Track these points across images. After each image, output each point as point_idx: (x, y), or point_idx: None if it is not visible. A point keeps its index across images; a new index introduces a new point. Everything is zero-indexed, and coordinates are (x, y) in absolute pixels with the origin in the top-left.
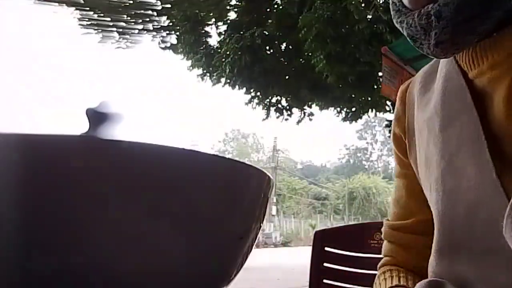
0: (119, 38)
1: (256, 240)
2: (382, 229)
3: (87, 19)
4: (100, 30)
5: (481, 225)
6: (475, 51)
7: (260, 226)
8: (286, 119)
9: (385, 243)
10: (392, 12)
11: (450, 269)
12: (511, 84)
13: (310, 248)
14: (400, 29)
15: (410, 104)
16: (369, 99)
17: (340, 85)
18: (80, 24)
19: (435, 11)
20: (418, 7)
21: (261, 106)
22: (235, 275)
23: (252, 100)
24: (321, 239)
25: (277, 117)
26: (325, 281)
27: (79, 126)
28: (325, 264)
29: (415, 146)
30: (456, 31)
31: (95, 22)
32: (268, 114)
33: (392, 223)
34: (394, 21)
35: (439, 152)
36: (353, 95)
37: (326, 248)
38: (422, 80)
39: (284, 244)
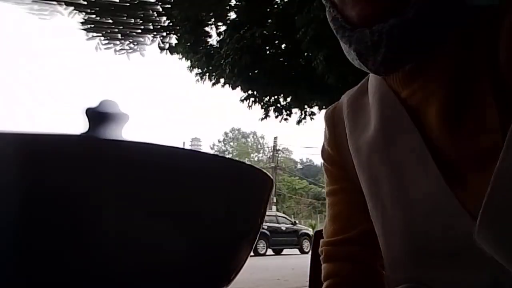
0: (122, 40)
1: (256, 240)
2: (321, 251)
3: (90, 22)
4: (103, 33)
5: (439, 231)
6: (404, 73)
7: (260, 226)
8: (286, 119)
9: (325, 266)
10: (333, 27)
11: (415, 276)
12: (441, 102)
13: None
14: (346, 43)
15: (339, 127)
16: None
17: (340, 85)
18: (83, 28)
19: (387, 30)
20: (366, 24)
21: (259, 106)
22: (235, 275)
23: (249, 98)
24: (321, 239)
25: (276, 117)
26: None
27: (79, 126)
28: None
29: (354, 166)
30: (403, 51)
31: (98, 25)
32: (267, 114)
33: (333, 239)
34: (338, 36)
35: (387, 169)
36: None
37: None
38: (349, 105)
39: None
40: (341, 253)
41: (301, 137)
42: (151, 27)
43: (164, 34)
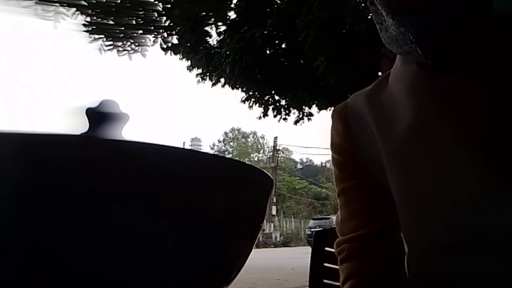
0: (124, 41)
1: (256, 240)
2: (341, 249)
3: (92, 24)
4: (106, 34)
5: (481, 220)
6: (444, 63)
7: (260, 226)
8: (284, 119)
9: (347, 265)
10: (386, 12)
11: (444, 269)
12: (484, 95)
13: (310, 248)
14: (404, 26)
15: (355, 123)
16: None
17: (341, 86)
18: (85, 30)
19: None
20: (413, 10)
21: (258, 105)
22: (235, 275)
23: (249, 98)
24: (321, 239)
25: (275, 116)
26: (325, 281)
27: (79, 126)
28: (325, 264)
29: (375, 160)
30: (443, 36)
31: (100, 26)
32: (265, 113)
33: (354, 235)
34: (395, 19)
35: (425, 158)
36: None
37: (326, 248)
38: (368, 102)
39: (284, 244)
40: (364, 250)
41: (301, 137)
42: (152, 28)
43: (166, 34)
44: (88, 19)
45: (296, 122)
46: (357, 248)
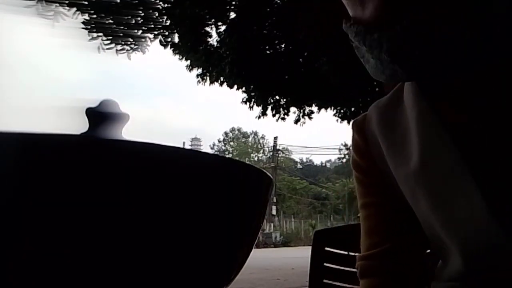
0: (123, 40)
1: (256, 240)
2: (356, 266)
3: (92, 23)
4: (105, 34)
5: (482, 255)
6: (451, 94)
7: (260, 226)
8: (283, 118)
9: (361, 282)
10: (355, 38)
11: None
12: (500, 128)
13: (310, 248)
14: (373, 48)
15: (371, 138)
16: (369, 99)
17: (343, 86)
18: (84, 28)
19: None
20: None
21: (256, 105)
22: (235, 275)
23: (250, 99)
24: (321, 239)
25: (273, 115)
26: (325, 281)
27: (79, 126)
28: (325, 264)
29: (392, 180)
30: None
31: (100, 25)
32: (264, 113)
33: (367, 254)
34: (365, 42)
35: (425, 188)
36: (353, 95)
37: (326, 248)
38: (379, 121)
39: (284, 244)
40: (376, 267)
41: (301, 137)
42: (153, 26)
43: (167, 33)
44: (88, 18)
45: (296, 122)
46: (369, 266)
